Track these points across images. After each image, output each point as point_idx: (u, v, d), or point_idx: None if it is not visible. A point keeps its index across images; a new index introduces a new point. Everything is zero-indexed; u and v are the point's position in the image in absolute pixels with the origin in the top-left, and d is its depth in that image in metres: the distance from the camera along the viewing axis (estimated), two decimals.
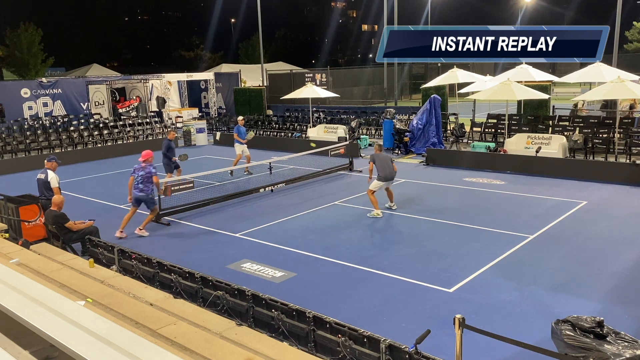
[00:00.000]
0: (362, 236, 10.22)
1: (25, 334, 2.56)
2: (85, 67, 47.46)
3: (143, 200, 10.58)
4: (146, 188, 10.46)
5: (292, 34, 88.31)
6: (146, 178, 10.41)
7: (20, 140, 20.26)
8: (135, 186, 10.46)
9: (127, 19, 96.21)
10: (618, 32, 23.79)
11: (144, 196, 10.52)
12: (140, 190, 10.46)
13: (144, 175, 10.42)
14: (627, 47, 53.50)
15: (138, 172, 10.48)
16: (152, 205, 10.80)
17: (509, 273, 8.17)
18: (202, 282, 6.63)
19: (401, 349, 4.67)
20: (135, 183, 10.47)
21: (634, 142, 15.50)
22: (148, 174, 10.42)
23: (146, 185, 10.44)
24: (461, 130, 19.63)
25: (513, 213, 11.34)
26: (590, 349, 4.86)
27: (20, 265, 5.51)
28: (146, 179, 10.41)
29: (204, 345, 3.80)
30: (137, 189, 10.47)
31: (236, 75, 33.15)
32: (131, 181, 10.50)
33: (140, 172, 10.46)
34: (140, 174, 10.44)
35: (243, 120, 16.96)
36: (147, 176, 10.41)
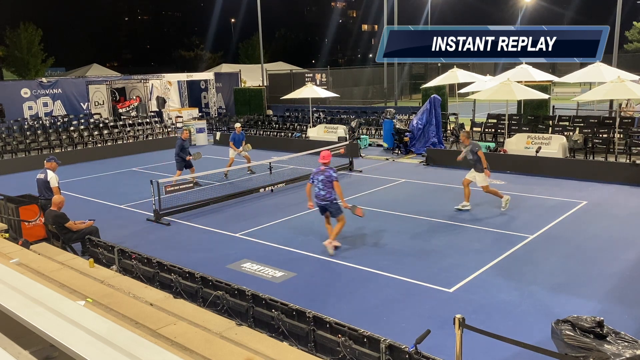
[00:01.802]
0: (361, 236, 10.21)
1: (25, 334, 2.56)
2: (85, 67, 47.47)
3: (327, 208, 9.38)
4: (328, 194, 9.22)
5: (292, 34, 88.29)
6: (326, 183, 9.21)
7: (20, 140, 20.26)
8: (317, 194, 9.32)
9: (127, 19, 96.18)
10: (618, 32, 23.79)
11: (328, 203, 9.29)
12: (322, 197, 9.26)
13: (324, 180, 9.23)
14: (627, 47, 53.52)
15: (316, 176, 9.33)
16: (338, 213, 9.39)
17: (509, 273, 8.17)
18: (202, 282, 6.63)
19: (401, 349, 4.67)
20: (316, 191, 9.34)
21: (634, 142, 15.50)
22: (328, 178, 9.22)
23: (327, 191, 9.21)
24: (461, 130, 19.61)
25: (513, 213, 11.34)
26: (590, 349, 4.86)
27: (20, 265, 5.51)
28: (327, 183, 9.21)
29: (204, 345, 3.81)
30: (318, 196, 9.31)
31: (236, 75, 33.15)
32: (309, 188, 9.54)
33: (319, 176, 9.28)
34: (320, 179, 9.26)
35: (240, 128, 16.56)
36: (327, 180, 9.21)
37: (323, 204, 9.33)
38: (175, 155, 14.57)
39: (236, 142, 16.18)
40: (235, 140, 16.19)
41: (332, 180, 9.20)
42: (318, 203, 9.38)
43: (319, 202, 9.34)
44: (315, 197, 9.37)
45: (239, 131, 16.43)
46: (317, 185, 9.30)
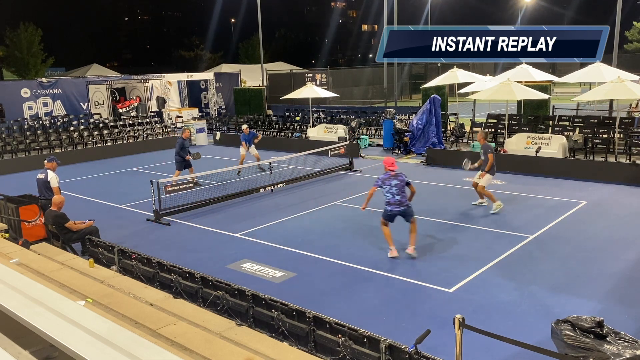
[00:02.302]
0: (362, 236, 10.21)
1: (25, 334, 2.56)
2: (85, 67, 47.47)
3: (404, 213, 8.86)
4: (404, 198, 8.79)
5: (292, 34, 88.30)
6: (401, 187, 8.77)
7: (20, 140, 20.25)
8: (392, 200, 8.76)
9: (127, 19, 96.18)
10: (618, 32, 23.80)
11: (406, 209, 8.80)
12: (398, 203, 8.74)
13: (398, 185, 8.74)
14: (627, 47, 53.54)
15: (389, 181, 8.77)
16: (412, 215, 8.95)
17: (509, 273, 8.17)
18: (202, 282, 6.63)
19: (401, 349, 4.67)
20: (389, 197, 8.79)
21: (634, 142, 15.50)
22: (402, 182, 8.81)
23: (403, 195, 8.78)
24: (461, 130, 19.63)
25: (513, 213, 11.34)
26: (590, 349, 4.86)
27: (20, 265, 5.51)
28: (401, 188, 8.77)
29: (204, 345, 3.81)
30: (394, 203, 8.75)
31: (236, 75, 33.16)
32: (373, 192, 8.96)
33: (392, 181, 8.74)
34: (393, 183, 8.73)
35: (247, 129, 16.86)
36: (402, 185, 8.79)
37: (401, 209, 8.76)
38: (176, 155, 14.63)
39: (246, 142, 16.47)
40: (245, 140, 16.47)
41: (407, 183, 8.86)
42: (393, 210, 8.77)
43: (395, 208, 8.75)
44: (389, 204, 8.77)
45: (247, 132, 16.67)
46: (389, 192, 8.74)
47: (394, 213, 8.82)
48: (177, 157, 14.55)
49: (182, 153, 14.45)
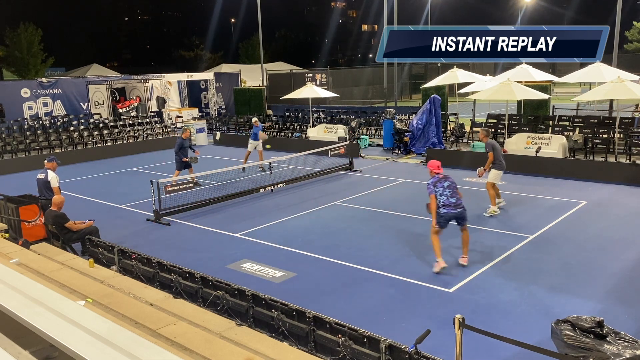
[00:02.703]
0: (362, 236, 10.21)
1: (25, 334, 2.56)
2: (85, 67, 47.47)
3: (460, 216, 8.41)
4: (459, 200, 8.36)
5: (292, 34, 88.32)
6: (454, 188, 8.40)
7: (20, 140, 20.26)
8: (446, 202, 8.27)
9: (127, 19, 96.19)
10: (618, 32, 23.80)
11: (462, 210, 8.37)
12: (455, 204, 8.29)
13: (451, 186, 8.39)
14: (627, 47, 53.54)
15: (440, 184, 8.39)
16: (466, 219, 8.55)
17: (509, 273, 8.17)
18: (202, 282, 6.63)
19: (401, 349, 4.67)
20: (443, 200, 8.29)
21: (634, 142, 15.50)
22: (454, 183, 8.47)
23: (457, 197, 8.36)
24: (461, 130, 19.62)
25: (513, 213, 11.34)
26: (590, 349, 4.86)
27: (20, 265, 5.51)
28: (454, 189, 8.39)
29: (204, 345, 3.81)
30: (449, 205, 8.26)
31: (236, 75, 33.16)
32: (434, 200, 8.37)
33: (444, 182, 8.40)
34: (446, 184, 8.37)
35: (258, 122, 17.28)
36: (454, 186, 8.44)
37: (457, 211, 8.29)
38: (175, 154, 14.68)
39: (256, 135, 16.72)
40: (255, 133, 16.75)
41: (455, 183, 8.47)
42: (449, 212, 8.27)
43: (451, 210, 8.26)
44: (444, 206, 8.27)
45: (257, 124, 17.07)
46: (443, 194, 8.30)
47: (450, 215, 8.30)
48: (176, 157, 14.60)
49: (180, 153, 14.46)
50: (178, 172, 14.50)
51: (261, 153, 16.63)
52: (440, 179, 8.44)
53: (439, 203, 8.31)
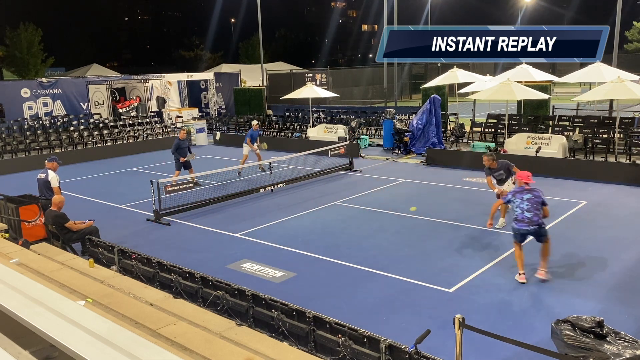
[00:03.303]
0: (362, 236, 10.21)
1: (25, 334, 2.56)
2: (85, 67, 47.46)
3: (536, 234, 7.80)
4: (536, 217, 7.66)
5: (292, 34, 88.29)
6: (534, 203, 7.67)
7: (20, 140, 20.26)
8: (520, 217, 7.72)
9: (127, 19, 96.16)
10: (618, 32, 23.80)
11: (537, 229, 7.69)
12: (529, 221, 7.64)
13: (531, 200, 7.67)
14: (627, 47, 53.54)
15: (520, 195, 7.77)
16: (546, 234, 7.86)
17: (509, 273, 8.17)
18: (202, 282, 6.63)
19: (401, 349, 4.67)
20: (517, 213, 7.78)
21: (634, 142, 15.50)
22: (537, 198, 7.70)
23: (535, 213, 7.66)
24: (461, 130, 19.63)
25: (513, 213, 11.32)
26: (590, 349, 4.86)
27: (20, 265, 5.51)
28: (534, 204, 7.66)
29: (204, 345, 3.81)
30: (522, 221, 7.68)
31: (236, 75, 33.15)
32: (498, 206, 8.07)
33: (525, 194, 7.72)
34: (526, 197, 7.69)
35: (257, 125, 17.11)
36: (536, 201, 7.68)
37: (531, 228, 7.66)
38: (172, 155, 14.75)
39: (253, 138, 16.54)
40: (252, 137, 16.54)
41: (542, 202, 7.72)
42: (521, 228, 7.73)
43: (524, 226, 7.68)
44: (517, 220, 7.77)
45: (256, 128, 16.88)
46: (519, 206, 7.71)
47: (522, 232, 7.75)
48: (174, 157, 14.62)
49: (177, 154, 14.45)
50: (178, 172, 14.51)
51: (259, 154, 16.56)
52: (524, 191, 7.79)
53: (513, 216, 7.87)
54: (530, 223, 7.66)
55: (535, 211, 7.65)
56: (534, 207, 7.65)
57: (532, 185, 7.84)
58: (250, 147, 16.43)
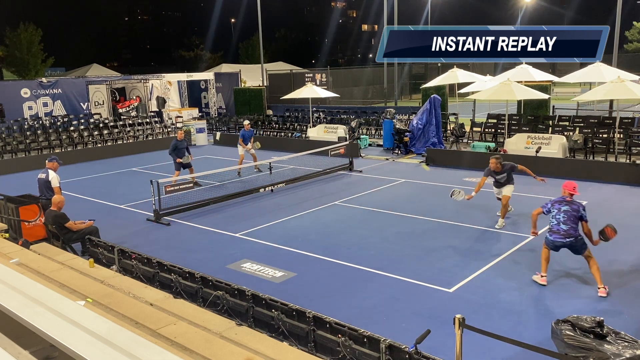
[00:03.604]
0: (362, 236, 10.21)
1: (25, 334, 2.56)
2: (85, 67, 47.47)
3: (572, 246, 7.53)
4: (572, 229, 7.42)
5: (292, 34, 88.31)
6: (571, 216, 7.45)
7: (20, 140, 20.26)
8: (555, 228, 7.51)
9: (127, 19, 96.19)
10: (618, 32, 23.80)
11: (573, 241, 7.43)
12: (564, 233, 7.42)
13: (568, 211, 7.46)
14: (627, 47, 53.54)
15: (558, 205, 7.58)
16: (584, 248, 7.58)
17: (509, 273, 8.17)
18: (202, 282, 6.63)
19: (401, 349, 4.67)
20: (553, 224, 7.57)
21: (634, 142, 15.50)
22: (576, 212, 7.47)
23: (571, 226, 7.42)
24: (461, 130, 19.63)
25: (513, 213, 11.33)
26: (590, 349, 4.86)
27: (20, 265, 5.51)
28: (571, 216, 7.45)
29: (204, 345, 3.81)
30: (557, 232, 7.47)
31: (236, 75, 33.16)
32: (538, 212, 7.90)
33: (563, 206, 7.52)
34: (564, 209, 7.49)
35: (249, 125, 17.01)
36: (574, 214, 7.47)
37: (566, 241, 7.42)
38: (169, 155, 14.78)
39: (245, 139, 16.50)
40: (244, 137, 16.51)
41: (581, 217, 7.47)
42: (556, 240, 7.48)
43: (559, 238, 7.44)
44: (551, 231, 7.57)
45: (248, 128, 16.78)
46: (555, 217, 7.52)
47: (557, 244, 7.52)
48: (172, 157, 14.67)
49: (174, 154, 14.46)
50: (178, 172, 14.51)
51: (254, 155, 16.53)
52: (563, 202, 7.58)
53: (548, 225, 7.69)
54: (566, 235, 7.42)
55: (572, 224, 7.42)
56: (570, 220, 7.43)
57: (574, 198, 7.65)
58: (243, 147, 16.43)
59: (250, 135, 16.77)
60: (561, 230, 7.45)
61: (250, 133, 16.81)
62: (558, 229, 7.48)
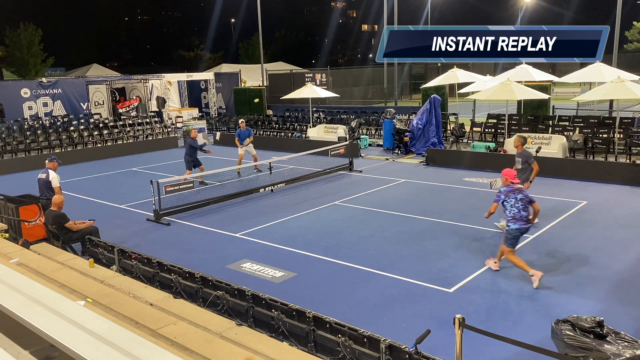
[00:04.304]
0: (362, 236, 10.21)
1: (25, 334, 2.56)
2: (85, 67, 47.51)
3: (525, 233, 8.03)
4: (529, 215, 7.91)
5: (292, 34, 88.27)
6: (527, 202, 7.85)
7: (20, 140, 20.26)
8: (518, 216, 7.77)
9: (127, 19, 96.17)
10: (618, 32, 23.79)
11: (530, 226, 8.02)
12: (526, 219, 7.81)
13: (524, 199, 7.82)
14: (627, 47, 53.52)
15: (513, 194, 7.83)
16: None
17: (509, 273, 8.17)
18: (202, 282, 6.63)
19: (401, 349, 4.67)
20: (514, 212, 7.79)
21: (634, 142, 15.50)
22: (527, 197, 7.88)
23: (528, 212, 7.89)
24: (461, 130, 19.63)
25: (506, 213, 11.31)
26: (590, 349, 4.86)
27: (20, 265, 5.51)
28: (527, 203, 7.84)
29: (204, 345, 3.81)
30: (521, 219, 7.77)
31: (236, 75, 33.16)
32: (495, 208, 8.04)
33: (517, 194, 7.82)
34: (519, 197, 7.81)
35: (244, 124, 17.01)
36: (527, 200, 7.85)
37: (529, 226, 7.91)
38: (185, 155, 14.89)
39: (241, 138, 16.49)
40: (240, 136, 16.51)
41: (530, 200, 7.88)
42: (522, 227, 7.81)
43: (524, 225, 7.80)
44: (515, 220, 7.78)
45: (244, 127, 16.78)
46: (515, 206, 7.77)
47: (522, 231, 7.84)
48: (187, 157, 14.82)
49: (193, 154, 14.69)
50: (189, 171, 14.66)
51: (255, 155, 16.52)
52: (515, 190, 7.87)
53: (509, 215, 7.84)
54: (527, 221, 7.86)
55: (528, 211, 7.87)
56: (527, 207, 7.86)
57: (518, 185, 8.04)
58: (239, 146, 16.45)
59: (248, 134, 16.68)
60: (524, 217, 7.82)
61: (247, 132, 16.73)
62: (521, 216, 7.80)
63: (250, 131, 17.04)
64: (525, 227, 7.88)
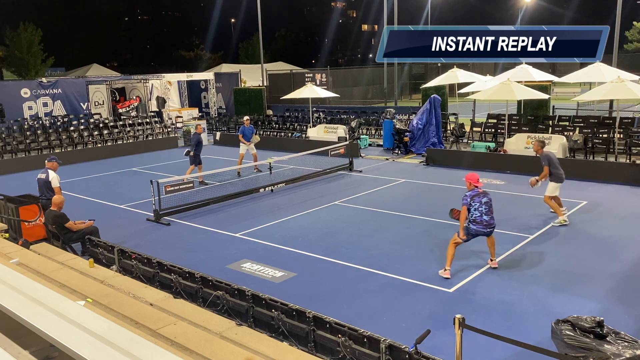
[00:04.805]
0: (362, 236, 10.21)
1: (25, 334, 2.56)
2: (85, 67, 47.50)
3: (487, 236, 8.18)
4: (492, 220, 8.04)
5: (292, 34, 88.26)
6: (491, 206, 8.03)
7: (20, 140, 20.25)
8: (479, 219, 7.90)
9: (127, 19, 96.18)
10: (618, 32, 23.79)
11: (491, 231, 8.11)
12: (486, 224, 7.94)
13: (488, 203, 7.99)
14: (627, 47, 53.51)
15: (479, 198, 7.94)
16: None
17: (509, 273, 8.17)
18: (202, 282, 6.63)
19: (401, 349, 4.67)
20: (476, 215, 7.91)
21: (634, 142, 15.50)
22: (491, 200, 8.08)
23: (492, 216, 8.03)
24: (461, 130, 19.63)
25: (513, 213, 11.34)
26: (590, 349, 4.86)
27: (20, 265, 5.51)
28: (491, 207, 8.02)
29: (204, 345, 3.81)
30: (481, 223, 7.92)
31: (236, 75, 33.16)
32: (465, 212, 7.99)
33: (482, 198, 7.95)
34: (484, 201, 7.94)
35: (249, 121, 17.00)
36: (491, 203, 8.05)
37: (487, 231, 8.01)
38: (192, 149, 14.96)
39: (245, 135, 16.48)
40: (244, 133, 16.49)
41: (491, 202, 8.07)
42: (479, 230, 7.95)
43: (482, 229, 7.94)
44: (475, 222, 7.92)
45: (248, 125, 16.76)
46: (478, 209, 7.90)
47: (479, 234, 8.02)
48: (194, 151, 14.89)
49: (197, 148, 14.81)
50: (194, 167, 14.72)
51: (255, 155, 16.52)
52: (479, 194, 7.97)
53: (471, 218, 7.95)
54: (487, 226, 7.97)
55: (492, 214, 8.00)
56: (491, 211, 8.00)
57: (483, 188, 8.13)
58: (245, 144, 16.40)
59: (251, 132, 16.70)
60: (484, 221, 7.93)
61: (251, 129, 16.75)
62: (481, 220, 7.93)
63: (253, 129, 17.08)
64: (483, 231, 7.98)
